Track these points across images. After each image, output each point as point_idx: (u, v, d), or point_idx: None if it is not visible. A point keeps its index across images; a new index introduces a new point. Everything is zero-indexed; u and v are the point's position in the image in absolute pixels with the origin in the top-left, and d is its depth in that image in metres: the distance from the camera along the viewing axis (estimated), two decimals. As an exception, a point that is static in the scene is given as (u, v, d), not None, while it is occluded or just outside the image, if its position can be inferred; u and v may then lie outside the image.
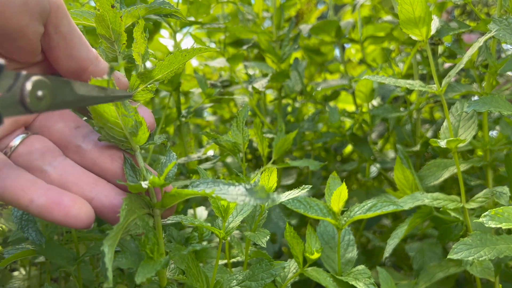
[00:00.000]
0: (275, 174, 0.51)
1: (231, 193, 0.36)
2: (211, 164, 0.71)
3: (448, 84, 0.61)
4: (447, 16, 1.28)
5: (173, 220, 0.43)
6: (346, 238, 0.59)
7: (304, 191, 0.50)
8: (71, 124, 0.41)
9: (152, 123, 0.42)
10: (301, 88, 0.96)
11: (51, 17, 0.36)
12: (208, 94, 0.67)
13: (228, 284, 0.48)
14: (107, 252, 0.31)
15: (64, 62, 0.39)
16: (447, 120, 0.62)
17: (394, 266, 0.90)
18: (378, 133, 1.00)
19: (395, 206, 0.51)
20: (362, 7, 1.13)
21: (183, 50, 0.41)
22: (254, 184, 0.36)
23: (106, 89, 0.36)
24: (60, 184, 0.37)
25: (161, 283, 0.42)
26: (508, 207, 0.44)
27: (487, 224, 0.43)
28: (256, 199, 0.35)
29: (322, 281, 0.51)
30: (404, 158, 0.66)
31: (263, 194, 0.35)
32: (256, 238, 0.49)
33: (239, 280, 0.48)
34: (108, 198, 0.38)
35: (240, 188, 0.37)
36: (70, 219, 0.35)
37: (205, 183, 0.38)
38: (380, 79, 0.60)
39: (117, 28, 0.41)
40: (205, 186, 0.38)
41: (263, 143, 0.59)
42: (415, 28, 0.58)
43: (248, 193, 0.36)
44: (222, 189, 0.37)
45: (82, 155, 0.40)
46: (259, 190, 0.36)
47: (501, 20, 0.58)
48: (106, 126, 0.38)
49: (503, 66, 0.64)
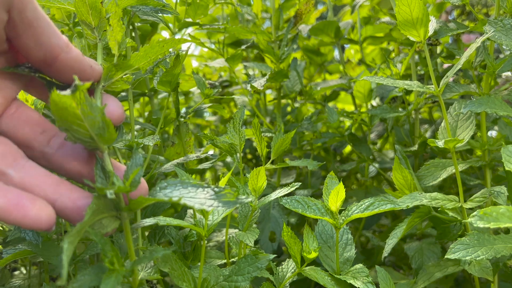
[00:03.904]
0: (263, 173, 0.51)
1: (199, 196, 0.35)
2: (210, 163, 0.72)
3: (446, 84, 0.61)
4: (446, 17, 1.28)
5: (149, 222, 0.42)
6: (344, 237, 0.59)
7: (293, 189, 0.50)
8: (36, 129, 0.40)
9: (120, 114, 0.40)
10: (300, 88, 0.96)
11: (15, 2, 0.35)
12: (207, 95, 0.67)
13: (215, 281, 0.47)
14: (66, 248, 0.30)
15: (33, 50, 0.37)
16: (445, 120, 0.62)
17: (393, 266, 0.90)
18: (377, 133, 1.00)
19: (392, 204, 0.52)
20: (361, 8, 1.14)
21: (160, 40, 0.41)
22: (223, 187, 0.36)
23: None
24: (22, 187, 0.37)
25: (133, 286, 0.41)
26: (497, 207, 0.44)
27: (476, 224, 0.43)
28: (224, 203, 0.34)
29: (320, 280, 0.51)
30: (402, 158, 0.66)
31: (231, 197, 0.35)
32: (245, 237, 0.48)
33: (226, 275, 0.47)
34: (71, 200, 0.37)
35: (209, 191, 0.36)
36: (29, 220, 0.34)
37: (173, 185, 0.37)
38: (378, 79, 0.60)
39: (97, 13, 0.40)
40: (173, 188, 0.37)
41: (262, 143, 0.59)
42: (412, 29, 0.58)
43: (216, 196, 0.35)
44: (191, 192, 0.36)
45: (49, 159, 0.39)
46: (227, 193, 0.35)
47: (496, 21, 0.58)
48: (71, 129, 0.36)
49: (501, 66, 0.64)
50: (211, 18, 1.19)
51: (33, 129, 0.40)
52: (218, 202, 0.35)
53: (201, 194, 0.36)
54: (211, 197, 0.35)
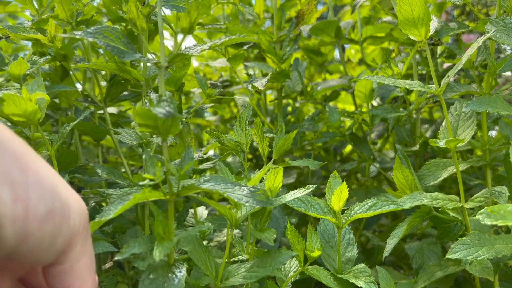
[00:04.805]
0: (280, 175, 0.52)
1: (237, 193, 0.40)
2: (211, 164, 0.72)
3: (447, 84, 0.61)
4: (446, 17, 1.28)
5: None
6: (346, 237, 0.59)
7: (308, 191, 0.51)
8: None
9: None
10: (302, 88, 0.96)
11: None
12: (208, 94, 0.67)
13: (236, 271, 0.50)
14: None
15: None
16: (446, 120, 0.62)
17: (394, 265, 0.90)
18: (377, 133, 1.00)
19: (395, 205, 0.52)
20: (361, 7, 1.14)
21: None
22: (257, 188, 0.41)
23: None
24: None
25: (169, 261, 0.45)
26: (505, 205, 0.44)
27: (483, 221, 0.43)
28: (258, 201, 0.39)
29: (322, 279, 0.51)
30: (403, 158, 0.67)
31: (264, 198, 0.40)
32: (263, 236, 0.50)
33: (247, 267, 0.50)
34: None
35: (245, 189, 0.41)
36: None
37: (215, 179, 0.42)
38: (379, 79, 0.61)
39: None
40: (215, 183, 0.42)
41: (264, 142, 0.59)
42: (414, 28, 0.58)
43: (251, 195, 0.40)
44: (230, 188, 0.41)
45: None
46: (261, 193, 0.40)
47: (497, 21, 0.58)
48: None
49: (502, 66, 0.65)
50: (212, 18, 1.19)
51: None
52: (253, 199, 0.40)
53: (239, 191, 0.41)
54: (247, 194, 0.40)
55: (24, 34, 0.66)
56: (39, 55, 0.73)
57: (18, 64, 0.59)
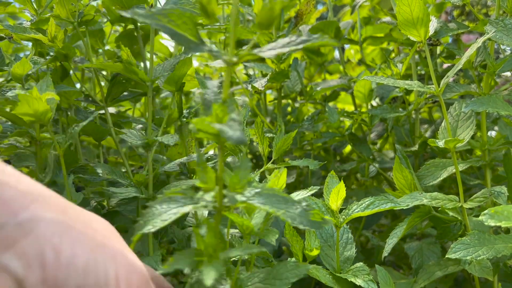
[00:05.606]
0: (284, 176, 0.51)
1: (290, 211, 0.36)
2: (211, 164, 0.72)
3: (447, 84, 0.61)
4: (446, 17, 1.28)
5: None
6: (345, 236, 0.60)
7: (311, 192, 0.51)
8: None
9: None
10: (301, 88, 0.96)
11: None
12: (209, 95, 0.67)
13: (249, 280, 0.47)
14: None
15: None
16: (445, 120, 0.62)
17: (393, 265, 0.90)
18: (377, 133, 1.00)
19: (392, 204, 0.52)
20: (361, 8, 1.14)
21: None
22: (311, 207, 0.36)
23: None
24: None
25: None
26: (508, 206, 0.44)
27: (486, 222, 0.43)
28: (312, 223, 0.35)
29: (321, 278, 0.51)
30: (403, 158, 0.67)
31: (318, 218, 0.36)
32: (266, 235, 0.49)
33: (261, 277, 0.47)
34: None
35: (298, 207, 0.36)
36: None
37: (260, 197, 0.37)
38: (378, 79, 0.61)
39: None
40: (265, 199, 0.37)
41: (264, 142, 0.59)
42: (413, 29, 0.59)
43: (305, 214, 0.36)
44: (281, 204, 0.36)
45: None
46: (315, 213, 0.36)
47: (497, 21, 0.59)
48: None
49: (501, 66, 0.65)
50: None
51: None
52: (307, 221, 0.35)
53: (292, 209, 0.36)
54: (300, 213, 0.36)
55: (25, 34, 0.66)
56: (38, 55, 0.73)
57: (21, 64, 0.59)
